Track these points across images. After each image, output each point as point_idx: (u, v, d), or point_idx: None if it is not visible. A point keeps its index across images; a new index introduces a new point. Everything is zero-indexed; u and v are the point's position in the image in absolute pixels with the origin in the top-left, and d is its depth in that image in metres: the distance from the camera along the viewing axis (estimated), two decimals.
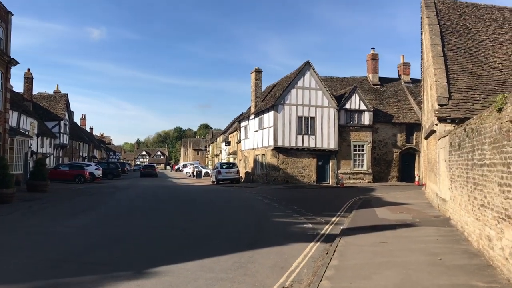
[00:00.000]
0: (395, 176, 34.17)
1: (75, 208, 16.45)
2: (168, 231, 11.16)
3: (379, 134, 33.91)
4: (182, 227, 11.72)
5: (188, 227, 11.87)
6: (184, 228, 11.62)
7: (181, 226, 12.02)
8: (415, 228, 11.67)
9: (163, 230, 11.29)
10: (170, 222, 12.82)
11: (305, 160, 31.78)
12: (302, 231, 11.63)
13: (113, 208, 16.61)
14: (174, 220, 13.28)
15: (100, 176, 39.42)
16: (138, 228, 11.58)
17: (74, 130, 60.81)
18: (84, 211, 15.53)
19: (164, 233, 10.92)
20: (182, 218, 13.70)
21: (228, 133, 58.64)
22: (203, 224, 12.57)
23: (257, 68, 35.54)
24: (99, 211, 15.44)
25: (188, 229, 11.45)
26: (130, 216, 14.31)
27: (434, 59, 17.90)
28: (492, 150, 7.38)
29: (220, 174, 35.19)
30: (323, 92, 31.83)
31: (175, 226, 12.00)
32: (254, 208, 17.03)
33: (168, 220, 13.24)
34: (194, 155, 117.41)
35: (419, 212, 15.12)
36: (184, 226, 11.92)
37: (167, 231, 11.22)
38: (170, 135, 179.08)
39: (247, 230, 11.55)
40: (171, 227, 11.77)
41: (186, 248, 9.18)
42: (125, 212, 15.23)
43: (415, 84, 37.54)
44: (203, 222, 12.90)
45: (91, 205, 17.48)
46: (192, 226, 11.99)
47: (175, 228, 11.55)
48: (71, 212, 15.08)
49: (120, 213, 14.93)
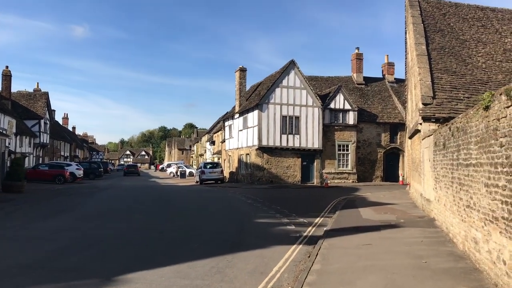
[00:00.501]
0: (380, 176, 34.14)
1: (50, 210, 15.84)
2: (145, 234, 10.70)
3: (364, 133, 33.83)
4: (160, 229, 11.26)
5: (166, 229, 11.43)
6: (161, 230, 11.17)
7: (159, 228, 11.56)
8: (399, 229, 11.44)
9: (139, 233, 10.83)
10: (148, 224, 12.34)
11: (290, 159, 31.51)
12: (284, 233, 11.30)
13: (90, 210, 16.04)
14: (152, 222, 12.79)
15: (81, 176, 38.57)
16: (114, 231, 11.10)
17: (56, 129, 59.56)
18: (60, 212, 14.96)
19: (140, 236, 10.47)
20: (160, 220, 13.22)
21: (212, 132, 58.12)
22: (183, 225, 12.15)
23: (241, 67, 35.16)
24: (75, 213, 14.86)
25: (166, 231, 11.00)
26: (106, 218, 13.78)
27: (419, 58, 17.79)
28: (478, 149, 7.15)
29: (203, 174, 34.70)
30: (307, 91, 31.60)
31: (153, 228, 11.53)
32: (237, 208, 16.66)
33: (146, 222, 12.76)
34: (179, 154, 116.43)
35: (403, 213, 14.94)
36: (162, 228, 11.47)
37: (144, 233, 10.76)
38: (155, 134, 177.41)
39: (228, 232, 11.18)
40: (148, 230, 11.30)
41: (161, 252, 8.76)
42: (101, 214, 14.68)
43: (399, 84, 37.60)
44: (182, 224, 12.47)
45: (67, 207, 16.89)
46: (170, 228, 11.55)
47: (152, 231, 11.08)
48: (46, 214, 14.48)
49: (96, 215, 14.38)
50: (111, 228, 11.53)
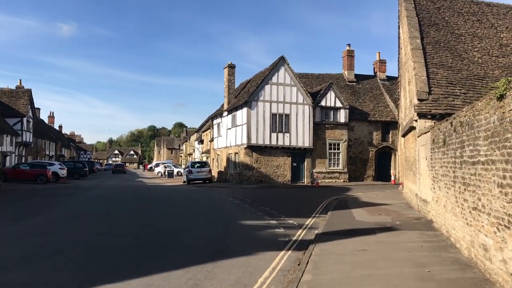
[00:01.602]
0: (371, 175, 33.46)
1: (22, 212, 14.78)
2: (118, 240, 9.71)
3: (355, 132, 33.12)
4: (136, 234, 10.29)
5: (143, 234, 10.47)
6: (138, 235, 10.19)
7: (135, 232, 10.58)
8: (396, 232, 10.64)
9: (113, 239, 9.84)
10: (124, 228, 11.34)
11: (280, 158, 30.67)
12: (272, 237, 10.45)
13: (65, 212, 15.01)
14: (129, 226, 11.79)
15: (64, 176, 37.30)
16: (85, 236, 10.12)
17: (40, 128, 58.04)
18: (32, 215, 13.89)
19: (113, 242, 9.48)
20: (139, 223, 12.23)
21: (201, 131, 57.07)
22: (162, 230, 11.19)
23: (230, 63, 34.22)
24: (48, 215, 13.82)
25: (143, 237, 10.05)
26: (80, 221, 12.75)
27: (413, 52, 17.07)
28: (489, 145, 6.34)
29: (191, 174, 33.71)
30: (298, 88, 30.78)
31: (128, 233, 10.54)
32: (223, 210, 15.76)
33: (122, 226, 11.76)
34: (168, 154, 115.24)
35: (398, 214, 14.18)
36: (139, 233, 10.51)
37: (117, 239, 9.77)
38: (144, 133, 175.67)
39: (211, 237, 10.27)
40: (123, 235, 10.31)
41: (133, 262, 7.82)
42: (76, 217, 13.64)
43: (391, 82, 36.98)
44: (162, 228, 11.50)
45: (42, 208, 15.83)
46: (148, 233, 10.60)
47: (127, 236, 10.09)
48: (16, 217, 13.42)
49: (70, 218, 13.33)
50: (82, 233, 10.54)
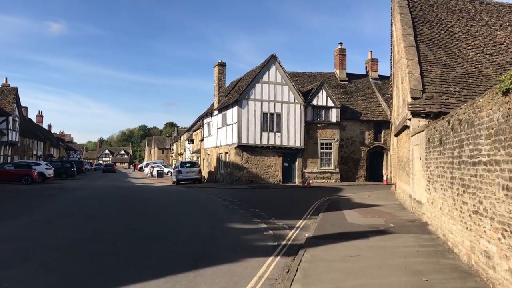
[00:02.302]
0: (363, 175, 33.07)
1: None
2: (96, 246, 9.07)
3: (347, 131, 32.69)
4: (115, 240, 9.65)
5: (123, 239, 9.84)
6: (117, 240, 9.56)
7: (115, 237, 9.95)
8: (390, 236, 10.16)
9: (90, 244, 9.20)
10: (103, 233, 10.66)
11: (271, 158, 30.14)
12: (261, 241, 9.91)
13: (43, 215, 14.25)
14: (110, 230, 11.12)
15: (51, 176, 36.42)
16: (60, 242, 9.46)
17: (28, 127, 56.93)
18: (7, 218, 13.16)
19: (89, 248, 8.84)
20: (119, 227, 11.56)
21: (192, 131, 56.36)
22: (144, 234, 10.57)
23: (220, 62, 33.61)
24: (25, 218, 13.10)
25: (122, 242, 9.43)
26: (57, 225, 12.02)
27: (407, 49, 16.66)
28: (492, 144, 5.86)
29: (180, 174, 33.05)
30: (289, 87, 30.27)
31: (107, 238, 9.89)
32: (210, 212, 15.19)
33: (101, 230, 11.07)
34: (159, 154, 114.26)
35: (391, 216, 13.72)
36: (118, 238, 9.87)
37: (95, 245, 9.12)
38: (135, 133, 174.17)
39: (195, 242, 9.70)
40: (101, 240, 9.66)
41: (108, 271, 7.21)
42: (54, 220, 12.87)
43: (383, 81, 36.65)
44: (144, 232, 10.88)
45: (19, 211, 15.09)
46: (127, 238, 9.96)
47: (105, 241, 9.46)
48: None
49: (48, 221, 12.55)
50: (57, 238, 9.88)
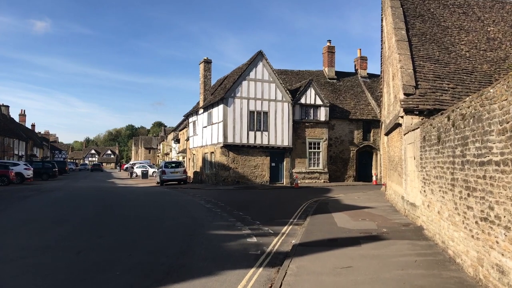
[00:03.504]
0: (352, 175, 32.34)
1: None
2: (56, 256, 8.01)
3: (336, 130, 31.93)
4: (80, 248, 8.63)
5: (89, 247, 8.82)
6: (82, 249, 8.53)
7: (80, 245, 8.92)
8: (383, 242, 9.31)
9: (50, 254, 8.13)
10: (69, 240, 9.61)
11: (258, 158, 29.23)
12: (242, 249, 8.99)
13: (5, 219, 13.12)
14: (77, 237, 10.06)
15: (30, 177, 35.00)
16: (17, 251, 8.38)
17: (9, 126, 55.34)
18: None
19: (46, 259, 7.76)
20: (89, 233, 10.50)
21: (178, 130, 55.21)
22: (112, 242, 9.52)
23: (206, 58, 32.55)
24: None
25: (86, 251, 8.40)
26: (22, 230, 10.87)
27: (398, 44, 15.90)
28: (507, 141, 5.01)
29: (164, 174, 31.94)
30: (276, 85, 29.37)
31: (72, 245, 8.86)
32: (190, 216, 14.20)
33: (68, 237, 10.02)
34: (146, 154, 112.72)
35: (383, 219, 12.90)
36: (84, 246, 8.85)
37: (55, 255, 8.06)
38: (122, 133, 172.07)
39: (170, 250, 8.73)
40: (65, 248, 8.61)
41: (63, 287, 6.24)
42: (19, 225, 11.73)
43: (372, 79, 36.01)
44: (114, 239, 9.84)
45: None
46: (93, 247, 8.93)
47: (67, 250, 8.41)
48: None
49: (12, 227, 11.42)
50: (16, 247, 8.83)
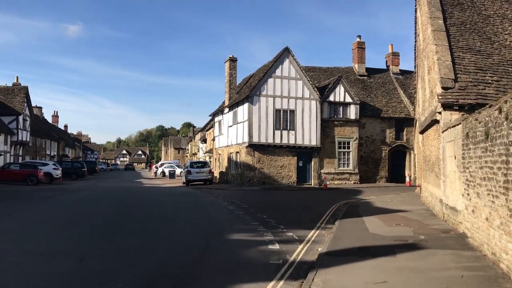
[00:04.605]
0: (384, 176, 30.93)
1: None
2: (57, 263, 7.25)
3: (366, 129, 30.62)
4: (85, 254, 7.91)
5: (94, 253, 8.12)
6: (86, 256, 7.81)
7: (86, 251, 8.21)
8: (422, 252, 8.24)
9: (51, 261, 7.40)
10: (77, 245, 8.87)
11: (284, 158, 28.30)
12: (263, 258, 8.12)
13: (20, 221, 12.56)
14: (86, 241, 9.33)
15: (59, 177, 35.23)
16: (17, 258, 7.68)
17: (41, 127, 56.43)
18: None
19: (46, 267, 6.98)
20: (99, 238, 9.78)
21: (205, 130, 54.91)
22: (122, 247, 8.77)
23: (231, 57, 31.88)
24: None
25: (91, 258, 7.69)
26: (30, 234, 10.12)
27: (435, 34, 14.66)
28: None
29: (190, 175, 31.49)
30: (304, 82, 28.36)
31: (77, 251, 8.15)
32: (211, 218, 13.45)
33: (78, 241, 9.31)
34: (175, 154, 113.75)
35: (420, 224, 11.76)
36: (90, 253, 8.15)
37: (56, 262, 7.31)
38: (152, 133, 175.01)
39: (182, 258, 7.96)
40: (69, 254, 7.89)
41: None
42: (29, 228, 11.08)
43: (405, 76, 34.44)
44: (124, 244, 9.08)
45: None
46: (101, 252, 8.23)
47: (72, 256, 7.66)
48: None
49: (21, 230, 10.76)
50: (15, 253, 8.07)
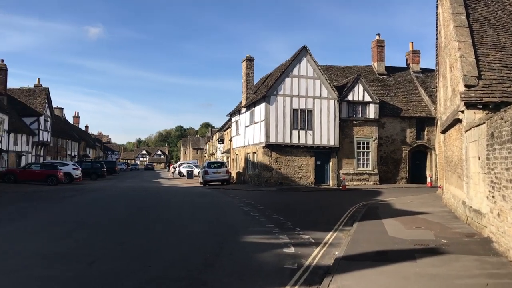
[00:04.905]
0: (404, 177, 30.28)
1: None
2: (63, 266, 7.03)
3: (386, 129, 30.03)
4: (93, 257, 7.66)
5: (104, 256, 7.92)
6: (95, 259, 7.59)
7: (94, 254, 7.95)
8: (444, 257, 7.86)
9: (58, 264, 7.13)
10: (87, 247, 8.63)
11: (302, 158, 27.95)
12: (277, 262, 7.86)
13: (33, 221, 12.48)
14: (97, 243, 9.10)
15: (78, 177, 35.63)
16: (25, 260, 7.46)
17: (62, 127, 57.32)
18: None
19: (51, 271, 6.77)
20: (110, 240, 9.55)
21: (223, 130, 54.89)
22: (133, 250, 8.58)
23: (248, 56, 31.68)
24: (9, 227, 11.41)
25: (100, 261, 7.48)
26: (40, 235, 9.97)
27: (457, 30, 14.15)
28: None
29: (207, 175, 31.42)
30: (322, 81, 27.96)
31: (84, 254, 7.86)
32: (225, 220, 13.25)
33: (88, 243, 9.12)
34: (194, 154, 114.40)
35: (442, 227, 11.32)
36: (98, 255, 7.92)
37: (63, 266, 7.03)
38: (171, 134, 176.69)
39: (193, 261, 7.75)
40: (78, 258, 7.67)
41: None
42: (40, 229, 10.84)
43: (425, 74, 33.68)
44: (135, 247, 8.90)
45: (13, 217, 13.54)
46: (111, 255, 8.03)
47: (79, 260, 7.39)
48: None
49: (31, 231, 10.52)
50: (23, 256, 7.84)
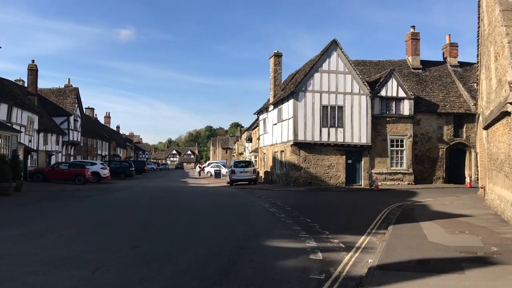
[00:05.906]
0: (441, 177, 28.63)
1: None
2: (65, 273, 6.33)
3: (422, 126, 28.47)
4: (101, 263, 6.96)
5: (113, 262, 7.18)
6: (100, 265, 6.87)
7: (102, 259, 7.24)
8: (497, 269, 6.74)
9: (60, 271, 6.44)
10: (98, 251, 7.93)
11: (332, 157, 26.79)
12: (302, 271, 6.94)
13: (51, 221, 12.10)
14: (108, 247, 8.40)
15: (106, 176, 35.62)
16: (28, 266, 6.85)
17: (93, 127, 58.05)
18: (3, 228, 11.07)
19: (53, 277, 6.15)
20: (122, 243, 8.81)
21: (251, 129, 54.16)
22: (145, 255, 7.80)
23: (276, 52, 30.72)
24: (24, 227, 10.88)
25: (106, 268, 6.74)
26: (49, 238, 9.33)
27: (505, 14, 12.78)
28: None
29: (234, 174, 30.73)
30: (353, 76, 26.71)
31: (92, 260, 7.19)
32: (249, 221, 12.39)
33: (100, 246, 8.43)
34: (223, 153, 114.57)
35: (489, 232, 10.09)
36: (106, 260, 7.19)
37: (64, 272, 6.38)
38: (201, 134, 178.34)
39: (208, 269, 6.91)
40: (82, 263, 6.97)
41: None
42: (52, 231, 10.24)
43: (464, 68, 31.82)
44: (148, 251, 8.10)
45: (32, 217, 13.14)
46: (120, 261, 7.29)
47: (84, 267, 6.67)
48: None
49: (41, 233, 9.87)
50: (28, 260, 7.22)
